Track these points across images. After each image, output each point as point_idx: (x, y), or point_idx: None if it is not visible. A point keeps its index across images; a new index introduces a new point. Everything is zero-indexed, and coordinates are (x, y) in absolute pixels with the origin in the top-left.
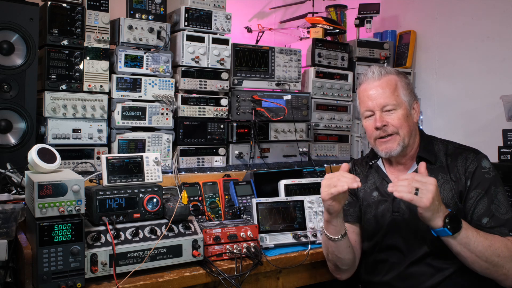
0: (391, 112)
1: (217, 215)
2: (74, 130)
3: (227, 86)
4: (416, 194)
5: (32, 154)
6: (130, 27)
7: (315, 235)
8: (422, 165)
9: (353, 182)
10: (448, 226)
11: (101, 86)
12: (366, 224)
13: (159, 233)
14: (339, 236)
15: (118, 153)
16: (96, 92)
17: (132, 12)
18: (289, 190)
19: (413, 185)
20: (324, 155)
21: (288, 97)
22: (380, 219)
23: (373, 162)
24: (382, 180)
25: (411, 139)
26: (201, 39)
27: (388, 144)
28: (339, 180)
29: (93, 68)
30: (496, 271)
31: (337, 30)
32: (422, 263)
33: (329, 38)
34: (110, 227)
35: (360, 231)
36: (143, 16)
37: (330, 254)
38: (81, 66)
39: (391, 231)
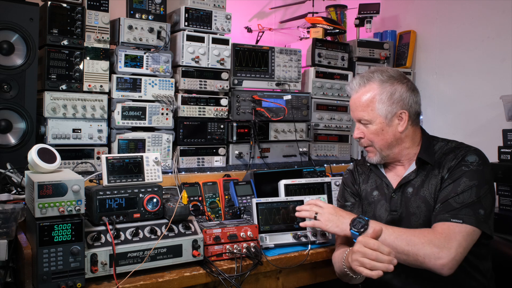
0: (366, 125)
1: (217, 215)
2: (74, 130)
3: (227, 86)
4: (315, 218)
5: (32, 154)
6: (130, 27)
7: (315, 235)
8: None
9: (389, 266)
10: (354, 228)
11: (101, 86)
12: None
13: (159, 233)
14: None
15: (118, 153)
16: (96, 92)
17: (132, 12)
18: (289, 190)
19: (314, 210)
20: (324, 155)
21: (288, 97)
22: (379, 218)
23: None
24: (381, 180)
25: (394, 149)
26: (201, 39)
27: (368, 154)
28: (375, 265)
29: (93, 68)
30: (416, 260)
31: (337, 30)
32: None
33: (329, 38)
34: (110, 227)
35: None
36: (143, 16)
37: (342, 277)
38: (81, 66)
39: None
